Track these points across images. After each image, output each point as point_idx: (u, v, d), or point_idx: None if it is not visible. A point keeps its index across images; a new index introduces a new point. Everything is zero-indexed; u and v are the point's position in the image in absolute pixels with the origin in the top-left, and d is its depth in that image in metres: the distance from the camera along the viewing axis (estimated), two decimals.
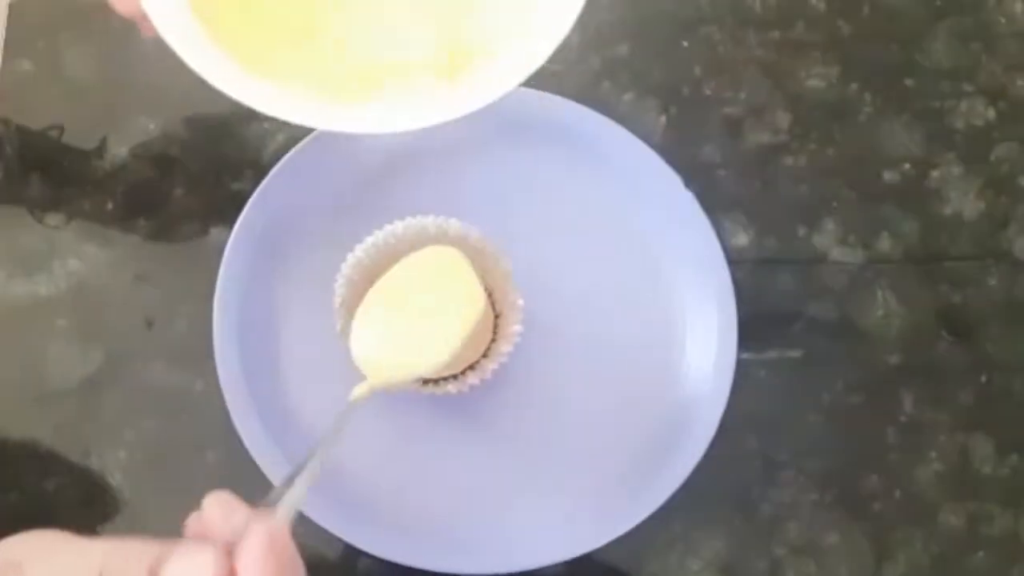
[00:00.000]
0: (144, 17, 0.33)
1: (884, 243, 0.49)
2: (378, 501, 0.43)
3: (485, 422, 0.45)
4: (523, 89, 0.47)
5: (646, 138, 0.47)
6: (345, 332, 0.42)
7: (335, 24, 0.35)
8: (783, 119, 0.50)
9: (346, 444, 0.44)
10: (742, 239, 0.48)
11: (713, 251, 0.46)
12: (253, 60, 0.33)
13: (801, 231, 0.49)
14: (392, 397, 0.43)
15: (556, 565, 0.42)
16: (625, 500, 0.43)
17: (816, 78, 0.51)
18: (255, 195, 0.45)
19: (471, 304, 0.39)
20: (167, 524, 0.46)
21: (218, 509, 0.28)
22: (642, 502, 0.43)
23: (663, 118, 0.50)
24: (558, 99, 0.47)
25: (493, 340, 0.43)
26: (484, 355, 0.43)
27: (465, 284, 0.39)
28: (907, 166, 0.50)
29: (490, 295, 0.43)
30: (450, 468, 0.44)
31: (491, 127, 0.47)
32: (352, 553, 0.42)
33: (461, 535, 0.43)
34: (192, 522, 0.28)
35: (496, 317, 0.43)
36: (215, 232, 0.47)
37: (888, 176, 0.50)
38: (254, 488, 0.42)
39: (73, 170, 0.48)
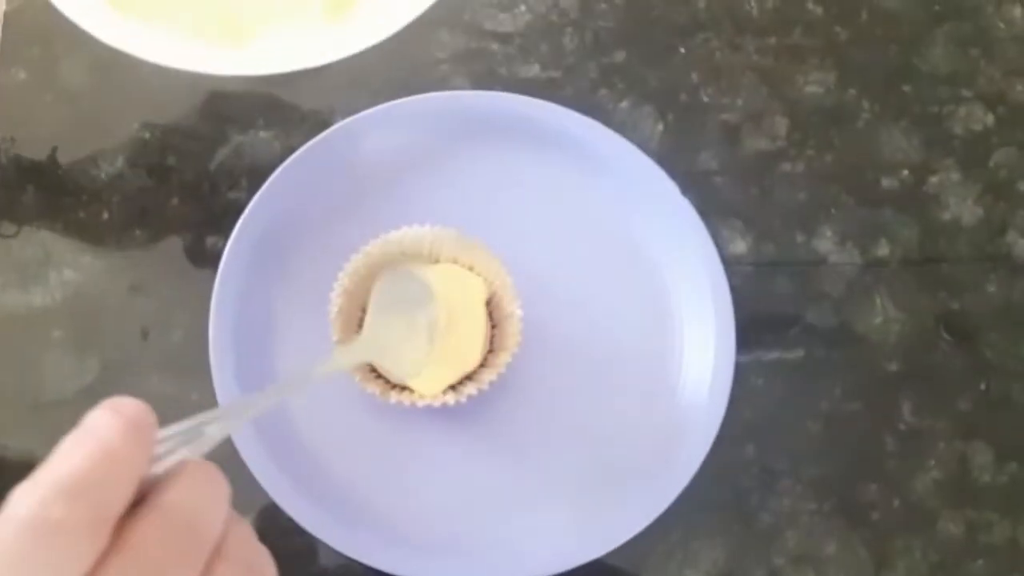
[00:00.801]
0: None
1: (882, 249, 0.49)
2: (375, 512, 0.43)
3: (482, 433, 0.44)
4: (519, 96, 0.47)
5: (643, 145, 0.47)
6: (342, 342, 0.42)
7: None
8: (781, 125, 0.50)
9: (345, 453, 0.44)
10: (740, 246, 0.48)
11: (711, 258, 0.46)
12: (131, 5, 0.32)
13: (799, 237, 0.49)
14: (389, 408, 0.43)
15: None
16: (623, 510, 0.43)
17: (814, 84, 0.51)
18: (251, 204, 0.45)
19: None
20: None
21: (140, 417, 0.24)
22: (640, 511, 0.42)
23: (660, 125, 0.50)
24: (555, 107, 0.47)
25: (491, 350, 0.43)
26: (482, 365, 0.43)
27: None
28: (905, 172, 0.50)
29: (487, 304, 0.43)
30: (446, 479, 0.44)
31: (487, 135, 0.47)
32: (349, 563, 0.42)
33: (458, 545, 0.43)
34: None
35: (493, 327, 0.43)
36: (211, 242, 0.47)
37: (886, 182, 0.50)
38: (251, 496, 0.42)
39: (69, 180, 0.48)
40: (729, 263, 0.46)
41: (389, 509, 0.43)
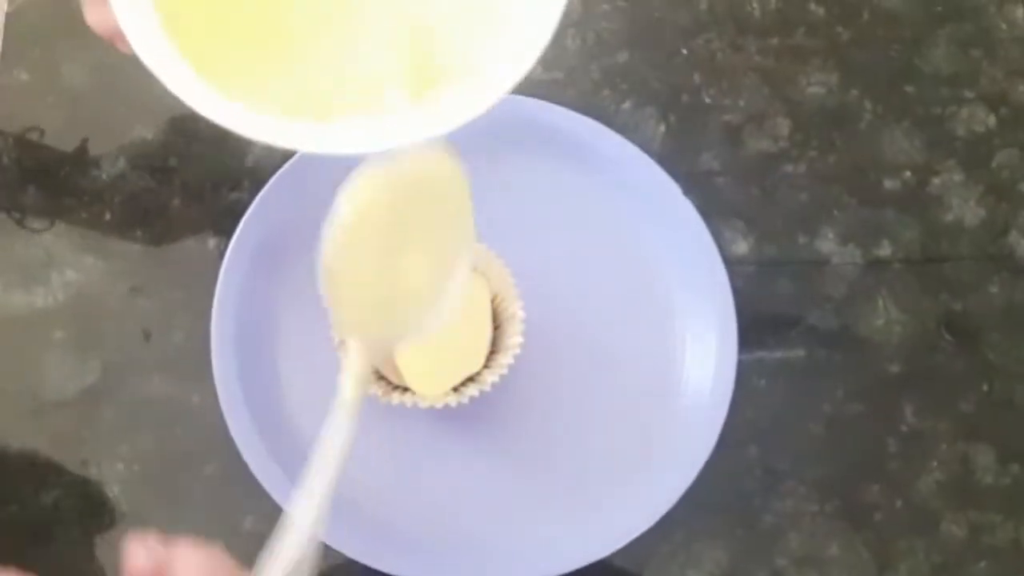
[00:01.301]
0: (120, 35, 0.32)
1: (885, 250, 0.49)
2: (376, 512, 0.43)
3: (485, 434, 0.44)
4: (522, 98, 0.47)
5: (645, 146, 0.47)
6: (342, 344, 0.42)
7: (303, 45, 0.34)
8: (783, 126, 0.50)
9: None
10: (742, 247, 0.48)
11: (712, 259, 0.46)
12: (221, 78, 0.32)
13: (801, 238, 0.49)
14: (391, 410, 0.42)
15: None
16: (626, 511, 0.43)
17: (816, 85, 0.51)
18: (253, 206, 0.45)
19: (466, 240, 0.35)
20: (164, 536, 0.46)
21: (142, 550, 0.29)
22: (643, 512, 0.42)
23: (662, 126, 0.50)
24: (557, 108, 0.47)
25: (493, 351, 0.43)
26: (485, 366, 0.43)
27: (459, 212, 0.35)
28: (908, 173, 0.50)
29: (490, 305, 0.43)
30: (448, 480, 0.44)
31: (490, 137, 0.47)
32: (349, 563, 0.42)
33: (459, 546, 0.43)
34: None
35: (495, 328, 0.43)
36: (213, 243, 0.47)
37: (888, 183, 0.50)
38: (251, 499, 0.42)
39: (70, 180, 0.48)
40: (731, 264, 0.46)
41: (390, 510, 0.43)
